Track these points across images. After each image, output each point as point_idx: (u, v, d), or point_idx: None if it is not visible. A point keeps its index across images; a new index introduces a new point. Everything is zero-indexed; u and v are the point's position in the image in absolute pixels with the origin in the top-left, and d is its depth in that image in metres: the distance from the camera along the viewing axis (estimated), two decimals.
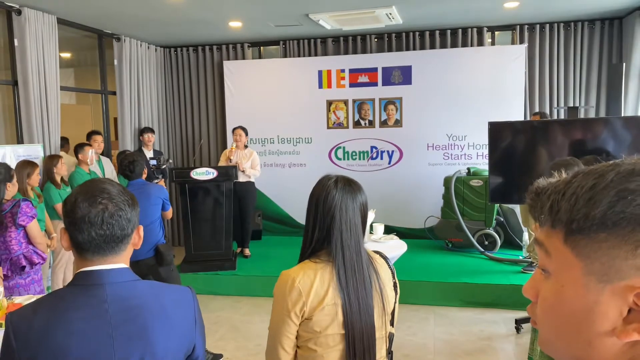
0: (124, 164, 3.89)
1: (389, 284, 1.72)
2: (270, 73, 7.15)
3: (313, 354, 1.62)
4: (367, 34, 6.88)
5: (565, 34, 6.45)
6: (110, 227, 1.24)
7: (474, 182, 5.97)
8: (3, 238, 3.39)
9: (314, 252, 1.66)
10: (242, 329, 4.60)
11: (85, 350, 1.20)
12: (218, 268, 5.65)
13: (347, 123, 7.00)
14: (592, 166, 0.59)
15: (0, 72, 5.45)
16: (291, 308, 1.58)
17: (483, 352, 4.06)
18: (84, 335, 1.21)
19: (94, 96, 7.31)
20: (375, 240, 4.06)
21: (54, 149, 5.38)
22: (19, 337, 1.20)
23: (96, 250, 1.25)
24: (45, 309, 1.24)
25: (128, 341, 1.24)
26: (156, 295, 1.32)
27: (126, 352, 1.23)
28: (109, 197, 1.26)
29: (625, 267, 0.53)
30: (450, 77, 6.58)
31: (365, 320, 1.62)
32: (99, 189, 1.27)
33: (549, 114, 6.44)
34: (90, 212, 1.23)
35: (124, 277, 1.28)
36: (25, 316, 1.23)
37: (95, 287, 1.24)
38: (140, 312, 1.26)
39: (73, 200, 1.25)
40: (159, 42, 7.26)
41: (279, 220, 7.28)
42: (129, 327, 1.24)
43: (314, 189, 1.69)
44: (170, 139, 7.70)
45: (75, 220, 1.24)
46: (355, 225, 1.64)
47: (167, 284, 1.42)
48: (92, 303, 1.23)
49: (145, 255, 3.83)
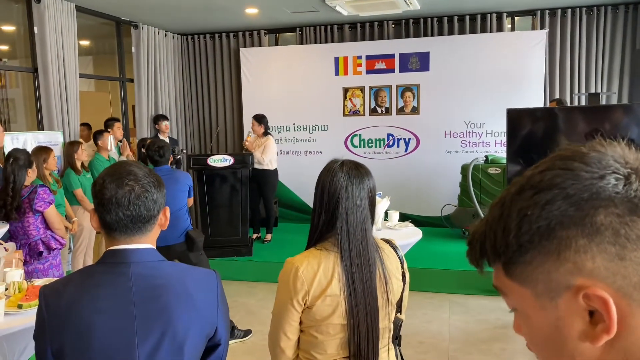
0: (153, 149, 3.91)
1: (396, 274, 1.70)
2: (287, 60, 7.13)
3: (314, 340, 1.63)
4: (384, 20, 6.81)
5: (588, 19, 6.31)
6: (136, 208, 1.28)
7: (491, 169, 5.90)
8: (21, 223, 3.46)
9: (321, 237, 1.65)
10: (257, 314, 4.64)
11: (108, 326, 1.24)
12: (234, 254, 5.71)
13: (363, 110, 6.96)
14: (502, 192, 0.60)
15: (21, 59, 5.53)
16: (294, 296, 1.59)
17: (499, 340, 4.05)
18: (108, 312, 1.25)
19: (112, 83, 7.38)
20: (390, 227, 4.05)
21: (74, 135, 5.46)
22: (50, 309, 1.26)
23: (123, 230, 1.29)
24: (74, 285, 1.29)
25: (149, 319, 1.27)
26: (180, 276, 1.34)
27: (147, 330, 1.27)
28: (135, 179, 1.30)
29: (560, 276, 0.53)
30: (468, 64, 6.49)
31: (370, 304, 1.60)
32: (126, 171, 1.31)
33: (570, 100, 6.32)
34: (118, 193, 1.27)
35: (149, 257, 1.32)
36: (56, 290, 1.29)
37: (121, 265, 1.28)
38: (163, 291, 1.29)
39: (101, 182, 1.30)
40: (176, 29, 7.28)
41: (295, 207, 7.31)
42: (151, 305, 1.27)
43: (321, 173, 1.67)
44: (187, 126, 7.75)
45: (104, 201, 1.28)
46: (361, 209, 1.62)
47: (192, 266, 1.44)
48: (117, 281, 1.27)
49: (176, 240, 3.88)
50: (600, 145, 0.55)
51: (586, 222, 0.51)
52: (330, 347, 1.63)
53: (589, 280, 0.51)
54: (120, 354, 1.25)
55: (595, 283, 0.51)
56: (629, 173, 0.52)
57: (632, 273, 0.50)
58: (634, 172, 0.52)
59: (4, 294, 2.26)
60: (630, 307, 0.51)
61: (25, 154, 3.60)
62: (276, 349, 1.68)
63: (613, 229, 0.50)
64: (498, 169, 5.86)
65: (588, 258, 0.51)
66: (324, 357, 1.64)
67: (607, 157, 0.53)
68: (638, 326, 0.51)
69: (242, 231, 5.78)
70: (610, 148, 0.55)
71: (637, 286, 0.50)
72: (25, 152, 3.62)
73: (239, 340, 4.11)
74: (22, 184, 3.46)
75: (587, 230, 0.51)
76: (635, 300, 0.51)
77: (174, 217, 3.88)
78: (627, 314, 0.51)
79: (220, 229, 5.73)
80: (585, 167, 0.53)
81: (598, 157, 0.53)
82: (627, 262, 0.50)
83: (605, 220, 0.51)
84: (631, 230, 0.50)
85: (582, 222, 0.51)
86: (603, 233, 0.51)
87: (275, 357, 1.71)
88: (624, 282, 0.50)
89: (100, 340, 1.24)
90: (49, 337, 1.25)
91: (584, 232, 0.51)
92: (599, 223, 0.51)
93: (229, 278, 5.49)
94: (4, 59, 7.81)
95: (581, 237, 0.51)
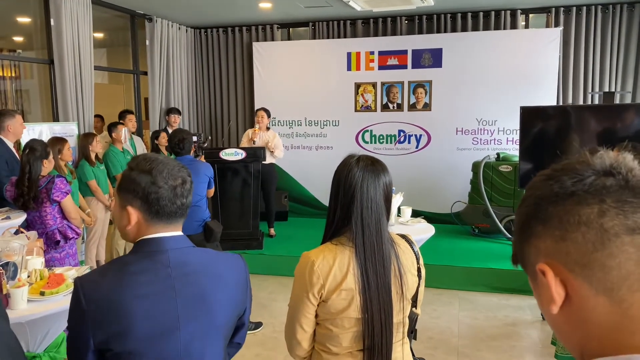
0: (174, 141, 3.92)
1: (411, 270, 1.71)
2: (299, 55, 7.14)
3: (329, 333, 1.65)
4: (398, 15, 6.80)
5: (603, 17, 6.26)
6: (189, 197, 1.38)
7: (503, 167, 5.90)
8: (39, 213, 3.51)
9: (336, 232, 1.66)
10: (268, 307, 4.69)
11: (149, 312, 1.27)
12: (245, 247, 5.75)
13: (375, 106, 6.97)
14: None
15: (37, 51, 5.58)
16: (309, 289, 1.60)
17: (507, 337, 4.06)
18: (150, 298, 1.28)
19: (126, 76, 7.43)
20: (402, 223, 4.07)
21: (88, 127, 5.51)
22: (89, 299, 1.27)
23: (170, 218, 1.35)
24: (112, 274, 1.31)
25: (190, 304, 1.32)
26: (213, 261, 1.41)
27: (188, 314, 1.31)
28: (179, 168, 1.38)
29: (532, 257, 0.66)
30: (481, 61, 6.47)
31: (384, 299, 1.62)
32: (171, 164, 1.37)
33: (583, 99, 6.29)
34: (176, 183, 1.35)
35: (183, 243, 1.37)
36: (94, 280, 1.31)
37: (159, 253, 1.33)
38: (200, 277, 1.35)
39: (149, 174, 1.33)
40: (190, 23, 7.32)
41: (305, 202, 7.34)
42: (190, 290, 1.32)
43: (337, 168, 1.68)
44: (199, 120, 7.79)
45: (161, 192, 1.33)
46: (377, 205, 1.63)
47: (217, 251, 1.49)
48: (157, 268, 1.31)
49: (194, 230, 3.91)
50: (585, 156, 0.65)
51: (541, 213, 0.64)
52: (345, 339, 1.65)
53: (545, 259, 0.63)
54: (163, 339, 1.29)
55: (548, 261, 0.63)
56: (587, 174, 0.62)
57: (572, 250, 0.61)
58: (593, 173, 0.62)
59: (27, 281, 2.31)
60: (576, 280, 0.61)
61: (42, 145, 3.65)
62: (292, 340, 1.71)
63: (558, 217, 0.62)
64: (509, 167, 5.85)
65: (541, 241, 0.64)
66: (339, 349, 1.66)
67: (579, 164, 0.64)
68: (589, 296, 0.60)
69: (252, 224, 5.82)
70: (590, 157, 0.65)
71: (577, 262, 0.61)
72: (42, 143, 3.66)
73: (250, 332, 4.15)
74: (38, 174, 3.50)
75: (541, 219, 0.64)
76: (578, 275, 0.61)
77: (193, 208, 3.92)
78: (575, 286, 0.61)
79: (231, 222, 5.77)
80: (555, 174, 0.65)
81: (573, 166, 0.64)
82: (568, 242, 0.61)
83: (554, 210, 0.63)
84: (572, 217, 0.61)
85: (539, 214, 0.64)
86: (551, 220, 0.63)
87: (291, 348, 1.73)
88: (567, 258, 0.61)
89: (143, 326, 1.27)
90: (91, 328, 1.26)
91: (538, 220, 0.64)
92: (550, 213, 0.63)
93: None
94: (18, 50, 7.90)
95: (539, 225, 0.64)
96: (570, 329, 0.64)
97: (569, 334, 0.64)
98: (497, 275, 5.01)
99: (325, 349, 1.67)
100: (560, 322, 0.64)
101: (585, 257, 0.60)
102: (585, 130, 5.16)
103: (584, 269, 0.60)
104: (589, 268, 0.60)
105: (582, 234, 0.60)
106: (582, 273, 0.60)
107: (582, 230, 0.60)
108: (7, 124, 4.24)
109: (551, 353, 3.27)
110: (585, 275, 0.60)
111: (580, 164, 0.64)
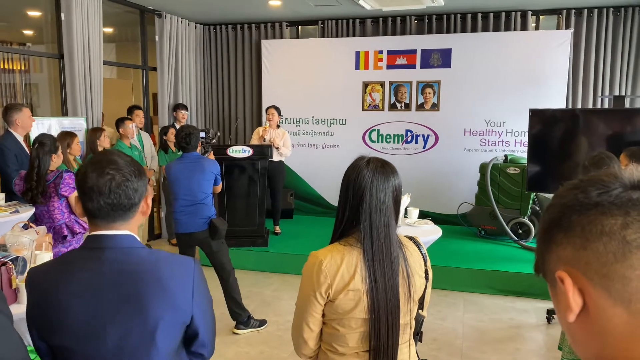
0: (181, 137, 3.89)
1: (419, 272, 1.71)
2: (308, 53, 7.14)
3: (336, 332, 1.65)
4: (407, 15, 6.78)
5: (615, 20, 6.22)
6: (117, 196, 1.32)
7: (510, 169, 5.87)
8: (47, 207, 3.53)
9: (344, 233, 1.66)
10: (272, 304, 4.69)
11: (80, 309, 1.28)
12: (250, 244, 5.76)
13: (382, 105, 6.95)
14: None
15: (47, 45, 5.61)
16: (317, 289, 1.60)
17: (512, 340, 4.05)
18: (82, 295, 1.29)
19: (135, 71, 7.45)
20: (409, 224, 4.06)
21: (97, 121, 5.53)
22: (31, 291, 1.34)
23: (104, 217, 1.33)
24: (55, 268, 1.35)
25: (119, 304, 1.30)
26: (154, 263, 1.35)
27: (116, 314, 1.29)
28: (116, 168, 1.33)
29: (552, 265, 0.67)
30: (491, 62, 6.44)
31: (391, 302, 1.62)
32: (107, 160, 1.34)
33: (593, 102, 6.25)
34: (99, 181, 1.31)
35: (126, 243, 1.34)
36: (40, 272, 1.36)
37: (97, 250, 1.32)
38: (136, 278, 1.31)
39: (83, 171, 1.34)
40: (199, 19, 7.32)
41: (311, 200, 7.34)
42: (122, 290, 1.30)
43: (347, 169, 1.68)
44: (207, 116, 7.81)
45: (85, 189, 1.32)
46: (386, 207, 1.63)
47: (171, 253, 1.46)
48: (92, 266, 1.31)
49: (199, 228, 3.92)
50: (614, 169, 0.66)
51: (564, 221, 0.64)
52: (351, 340, 1.65)
53: (564, 267, 0.64)
54: (91, 337, 1.29)
55: (567, 269, 0.63)
56: (613, 187, 0.62)
57: (592, 260, 0.61)
58: (621, 185, 0.62)
59: None
60: (595, 289, 0.61)
61: (51, 139, 3.66)
62: (299, 339, 1.71)
63: (580, 225, 0.62)
64: (517, 169, 5.82)
65: (562, 248, 0.64)
66: (346, 349, 1.66)
67: (606, 176, 0.64)
68: (606, 306, 0.60)
69: (258, 222, 5.82)
70: (619, 170, 0.65)
71: (597, 271, 0.61)
72: (51, 138, 3.68)
73: (254, 329, 4.17)
74: (47, 169, 3.52)
75: (564, 227, 0.64)
76: (597, 284, 0.61)
77: (198, 206, 3.92)
78: (593, 295, 0.61)
79: (237, 219, 5.78)
80: (581, 184, 0.65)
81: (600, 177, 0.65)
82: (589, 251, 0.61)
83: (577, 219, 0.63)
84: (595, 227, 0.61)
85: (562, 222, 0.65)
86: (574, 229, 0.63)
87: (298, 347, 1.74)
88: (587, 267, 0.61)
89: (73, 322, 1.28)
90: (33, 318, 1.32)
91: (561, 228, 0.65)
92: (573, 221, 0.63)
93: (245, 268, 5.55)
94: (28, 43, 7.93)
95: (561, 232, 0.65)
96: (585, 338, 0.64)
97: (584, 343, 0.64)
98: (502, 277, 4.99)
99: (331, 349, 1.68)
100: (576, 330, 0.65)
101: (605, 267, 0.60)
102: (594, 134, 5.13)
103: (603, 278, 0.60)
104: (608, 278, 0.60)
105: (604, 244, 0.60)
106: (601, 283, 0.60)
107: (604, 240, 0.60)
108: (15, 118, 4.26)
109: (556, 357, 3.26)
110: (604, 285, 0.60)
111: (608, 176, 0.64)
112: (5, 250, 2.31)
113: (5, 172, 4.16)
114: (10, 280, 2.12)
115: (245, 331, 4.13)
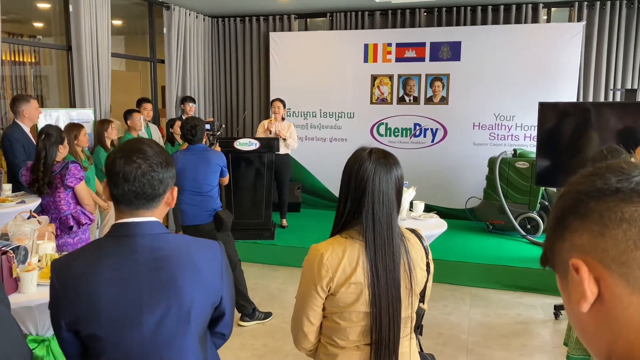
0: (186, 129, 3.88)
1: (420, 265, 1.69)
2: (316, 45, 7.10)
3: (337, 326, 1.63)
4: (416, 7, 6.72)
5: (628, 12, 6.11)
6: (141, 185, 1.32)
7: (519, 164, 5.81)
8: (53, 198, 3.55)
9: (345, 225, 1.64)
10: (278, 297, 4.69)
11: (116, 296, 1.29)
12: (257, 237, 5.76)
13: (391, 99, 6.90)
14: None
15: (56, 37, 5.62)
16: (318, 282, 1.58)
17: (518, 336, 4.01)
18: (116, 282, 1.29)
19: (143, 64, 7.46)
20: (414, 218, 4.03)
21: (104, 113, 5.55)
22: (60, 282, 1.32)
23: (127, 204, 1.34)
24: (83, 257, 1.34)
25: (157, 289, 1.31)
26: (185, 247, 1.39)
27: (155, 299, 1.31)
28: (143, 157, 1.33)
29: (564, 253, 0.65)
30: (501, 55, 6.37)
31: (393, 295, 1.60)
32: (136, 149, 1.34)
33: (604, 95, 6.16)
34: (125, 168, 1.31)
35: (154, 229, 1.36)
36: (66, 262, 1.35)
37: (128, 238, 1.33)
38: (169, 262, 1.33)
39: (112, 157, 1.35)
40: (207, 11, 7.31)
41: (318, 194, 7.32)
42: (158, 276, 1.31)
43: (348, 161, 1.66)
44: (215, 109, 7.81)
45: (112, 175, 1.33)
46: (388, 199, 1.61)
47: (196, 237, 1.47)
48: (124, 252, 1.31)
49: (205, 220, 3.92)
50: (632, 159, 0.66)
51: (580, 208, 0.63)
52: (352, 333, 1.63)
53: (579, 254, 0.62)
54: (128, 323, 1.30)
55: (582, 257, 0.62)
56: (634, 174, 0.61)
57: (610, 247, 0.60)
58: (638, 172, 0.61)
59: (37, 265, 2.33)
60: (612, 277, 0.60)
61: (57, 130, 3.67)
62: (299, 333, 1.70)
63: (599, 212, 0.61)
64: (526, 164, 5.76)
65: (577, 236, 0.63)
66: (346, 343, 1.65)
67: (626, 164, 0.63)
68: (623, 295, 0.59)
69: (265, 215, 5.82)
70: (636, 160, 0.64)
71: (615, 258, 0.59)
72: (57, 129, 3.69)
73: (260, 322, 4.17)
74: (53, 159, 3.53)
75: (580, 214, 0.63)
76: (615, 272, 0.59)
77: (204, 198, 3.92)
78: (610, 283, 0.60)
79: (243, 212, 5.78)
80: (599, 171, 0.64)
81: (619, 164, 0.63)
82: (607, 237, 0.60)
83: (595, 206, 0.61)
84: (614, 214, 0.60)
85: (577, 209, 0.63)
86: (591, 215, 0.61)
87: (297, 341, 1.72)
88: (604, 254, 0.60)
89: (109, 309, 1.28)
90: (62, 308, 1.31)
91: (577, 215, 0.63)
92: (590, 208, 0.62)
93: (251, 260, 5.55)
94: (38, 36, 7.97)
95: (577, 219, 0.63)
96: (597, 329, 0.63)
97: (596, 334, 0.63)
98: (510, 272, 4.95)
99: (332, 342, 1.66)
100: (587, 321, 0.63)
101: (625, 254, 0.59)
102: (605, 128, 5.05)
103: (622, 266, 0.59)
104: (627, 266, 0.59)
105: (624, 231, 0.59)
106: (620, 270, 0.59)
107: (624, 227, 0.59)
108: (22, 109, 4.28)
109: (563, 353, 3.22)
110: (622, 273, 0.59)
111: (628, 164, 0.63)
112: (7, 240, 2.32)
113: (12, 163, 4.18)
114: (11, 269, 2.13)
115: (250, 323, 4.13)
